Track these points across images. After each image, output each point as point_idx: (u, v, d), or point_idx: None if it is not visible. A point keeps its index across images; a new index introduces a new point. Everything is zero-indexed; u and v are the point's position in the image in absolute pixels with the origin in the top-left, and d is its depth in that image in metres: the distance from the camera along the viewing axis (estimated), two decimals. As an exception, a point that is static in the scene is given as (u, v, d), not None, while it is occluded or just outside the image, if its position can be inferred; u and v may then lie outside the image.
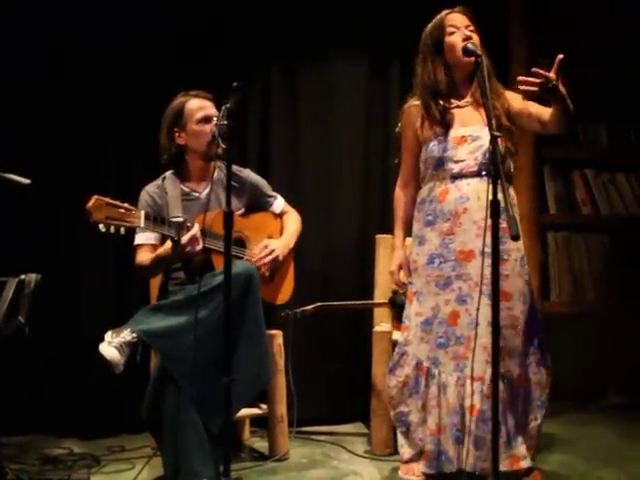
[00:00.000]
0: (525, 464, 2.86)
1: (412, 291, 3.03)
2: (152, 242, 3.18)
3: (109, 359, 2.77)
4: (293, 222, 3.54)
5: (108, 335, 2.84)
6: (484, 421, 2.79)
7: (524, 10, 4.16)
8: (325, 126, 4.10)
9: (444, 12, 3.00)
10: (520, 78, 2.70)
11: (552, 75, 2.63)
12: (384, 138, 4.08)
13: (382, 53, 4.15)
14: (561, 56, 2.62)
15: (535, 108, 2.92)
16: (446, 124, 2.95)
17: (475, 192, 2.88)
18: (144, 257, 3.17)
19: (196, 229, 2.98)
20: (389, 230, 3.59)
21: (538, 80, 2.64)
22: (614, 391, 4.31)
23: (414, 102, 3.06)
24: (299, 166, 4.09)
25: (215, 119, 3.05)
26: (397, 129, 3.15)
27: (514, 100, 2.98)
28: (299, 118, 4.10)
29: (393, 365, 3.05)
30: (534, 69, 2.66)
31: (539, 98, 2.82)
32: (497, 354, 2.41)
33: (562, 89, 2.70)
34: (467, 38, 2.89)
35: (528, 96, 2.80)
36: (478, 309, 2.74)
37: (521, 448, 2.86)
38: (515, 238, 2.30)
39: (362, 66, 4.15)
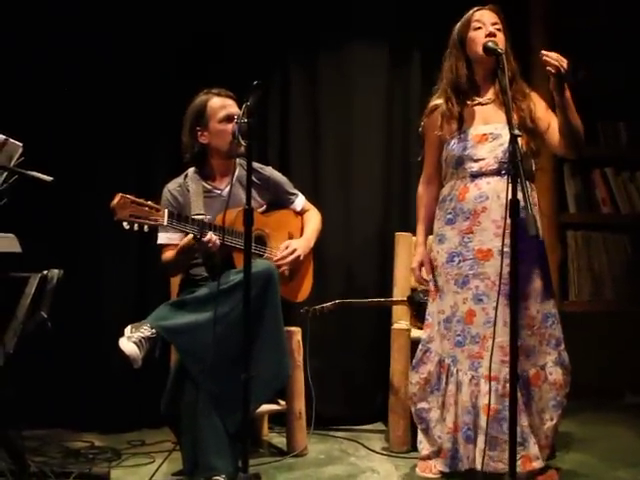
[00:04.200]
0: (537, 465, 2.84)
1: (434, 289, 3.05)
2: (175, 242, 3.16)
3: (128, 354, 2.79)
4: (314, 220, 3.54)
5: (127, 330, 2.87)
6: (499, 421, 2.79)
7: (545, 8, 4.14)
8: (345, 122, 4.09)
9: (474, 8, 2.99)
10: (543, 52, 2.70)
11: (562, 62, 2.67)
12: (405, 133, 4.07)
13: (403, 45, 4.12)
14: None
15: (555, 122, 2.89)
16: (463, 120, 2.96)
17: (495, 191, 2.88)
18: (168, 257, 3.19)
19: (210, 234, 3.01)
20: (410, 228, 3.61)
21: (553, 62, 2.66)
22: (632, 391, 4.30)
23: (437, 101, 3.05)
24: (319, 162, 4.09)
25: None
26: (420, 128, 3.15)
27: (539, 105, 2.97)
28: (318, 114, 4.08)
29: (416, 362, 3.07)
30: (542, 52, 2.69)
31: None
32: (516, 354, 2.41)
33: (567, 94, 2.72)
34: (490, 34, 2.88)
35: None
36: (496, 308, 2.74)
37: (534, 449, 2.84)
38: (534, 237, 2.31)
39: (382, 58, 4.11)
